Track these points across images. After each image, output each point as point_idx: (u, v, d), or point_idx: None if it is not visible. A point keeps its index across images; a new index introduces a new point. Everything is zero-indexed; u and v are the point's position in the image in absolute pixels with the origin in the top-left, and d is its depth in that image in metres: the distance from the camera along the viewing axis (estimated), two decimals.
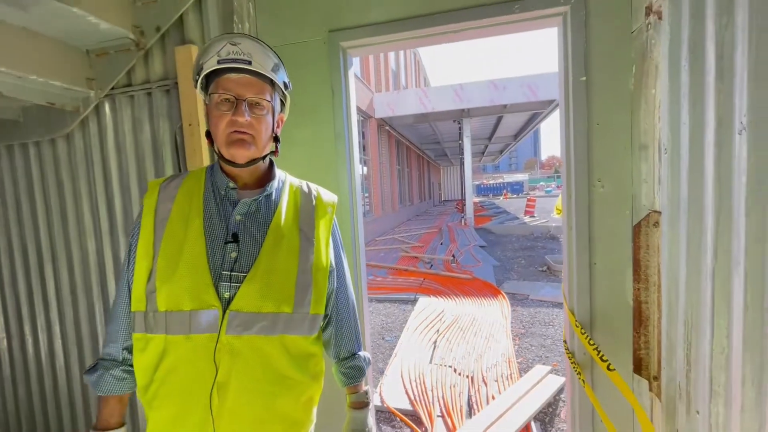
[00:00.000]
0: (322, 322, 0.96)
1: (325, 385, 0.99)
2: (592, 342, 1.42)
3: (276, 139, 0.94)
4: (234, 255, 0.83)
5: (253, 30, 1.67)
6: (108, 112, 1.74)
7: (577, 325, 1.48)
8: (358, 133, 11.42)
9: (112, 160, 1.76)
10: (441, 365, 3.40)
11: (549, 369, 3.22)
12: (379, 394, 2.96)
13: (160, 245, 0.82)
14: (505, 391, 2.95)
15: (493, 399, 2.86)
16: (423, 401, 2.86)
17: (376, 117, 12.50)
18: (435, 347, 3.81)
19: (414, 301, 5.26)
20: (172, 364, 0.79)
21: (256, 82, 0.84)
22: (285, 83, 0.92)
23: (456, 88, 11.59)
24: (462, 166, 14.52)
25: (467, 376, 3.21)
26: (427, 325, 4.34)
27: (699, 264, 0.97)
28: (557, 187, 46.77)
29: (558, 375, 3.14)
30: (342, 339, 1.00)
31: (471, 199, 14.18)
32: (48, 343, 1.97)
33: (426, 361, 3.52)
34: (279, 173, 0.97)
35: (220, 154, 0.88)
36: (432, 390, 3.01)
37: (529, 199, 17.17)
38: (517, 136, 20.12)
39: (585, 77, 1.39)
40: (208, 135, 0.89)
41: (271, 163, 0.97)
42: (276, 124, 0.92)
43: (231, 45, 0.83)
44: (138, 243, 0.85)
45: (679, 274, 1.06)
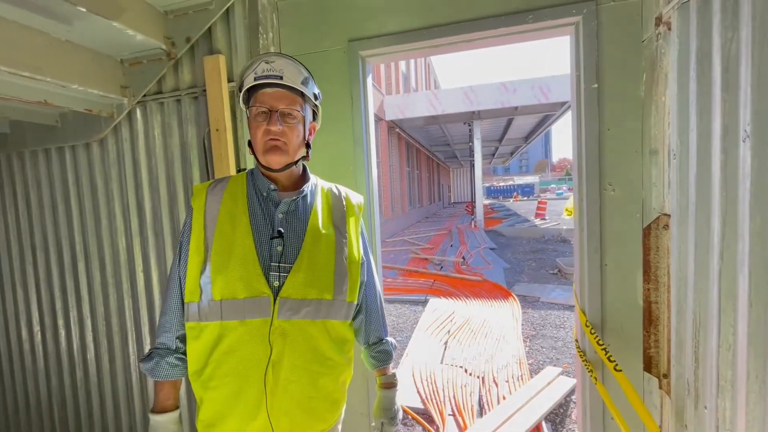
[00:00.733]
0: (354, 311, 1.05)
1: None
2: (600, 342, 1.46)
3: (308, 145, 1.02)
4: (280, 249, 0.93)
5: (276, 40, 1.76)
6: (139, 118, 1.84)
7: (587, 325, 1.52)
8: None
9: (143, 163, 1.86)
10: (452, 365, 3.45)
11: (560, 370, 3.24)
12: None
13: (212, 241, 0.91)
14: (515, 391, 2.98)
15: (504, 399, 2.89)
16: (434, 400, 2.91)
17: (386, 119, 12.59)
18: (446, 348, 3.86)
19: (424, 302, 5.30)
20: (229, 347, 0.88)
21: (287, 95, 0.94)
22: (315, 94, 1.01)
23: (466, 90, 11.62)
24: (472, 168, 14.51)
25: (478, 377, 3.25)
26: (438, 326, 4.38)
27: (706, 265, 1.02)
28: (568, 189, 46.26)
29: (569, 377, 3.16)
30: (371, 326, 1.10)
31: (481, 201, 14.16)
32: (80, 336, 2.08)
33: (437, 361, 3.57)
34: (312, 177, 1.07)
35: (258, 161, 0.97)
36: (443, 389, 3.06)
37: (540, 202, 17.07)
38: (527, 138, 20.01)
39: (597, 84, 1.44)
40: (250, 144, 0.99)
41: (304, 167, 1.07)
42: (308, 132, 1.01)
43: (265, 63, 0.94)
44: (190, 240, 0.94)
45: (688, 274, 1.11)
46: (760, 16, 0.81)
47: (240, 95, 0.99)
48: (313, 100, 1.01)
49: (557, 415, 2.75)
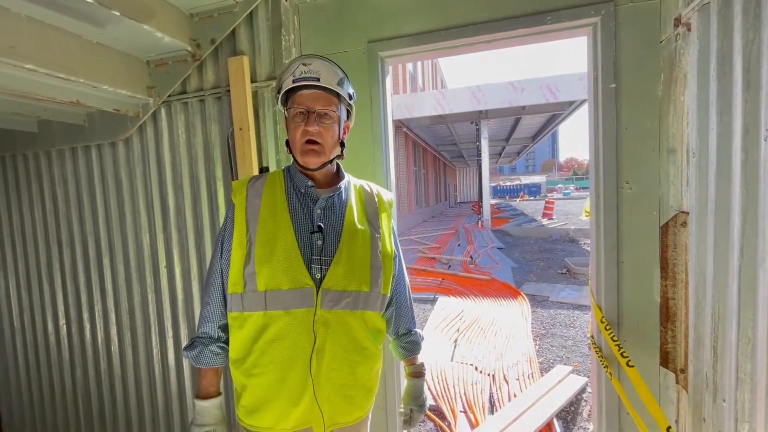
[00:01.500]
0: (386, 303, 1.09)
1: None
2: (615, 338, 1.49)
3: (342, 144, 1.06)
4: (320, 243, 0.97)
5: (298, 41, 1.80)
6: (164, 118, 1.89)
7: (602, 321, 1.55)
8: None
9: (167, 161, 1.92)
10: (462, 363, 3.48)
11: (570, 369, 3.26)
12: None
13: (255, 235, 0.96)
14: (526, 389, 3.00)
15: (515, 397, 2.92)
16: (446, 397, 2.94)
17: (393, 119, 12.60)
18: (456, 346, 3.88)
19: (433, 300, 5.33)
20: (274, 336, 0.92)
21: (324, 96, 0.98)
22: (349, 94, 1.05)
23: (474, 89, 11.59)
24: (479, 167, 14.49)
25: (488, 374, 3.27)
26: (447, 324, 4.41)
27: (726, 261, 1.04)
28: (576, 189, 45.88)
29: (579, 375, 3.18)
30: (401, 318, 1.15)
31: (488, 200, 14.13)
32: (104, 329, 2.14)
33: (447, 358, 3.60)
34: (345, 174, 1.11)
35: (295, 160, 1.02)
36: (454, 387, 3.09)
37: (547, 202, 16.99)
38: (535, 137, 19.92)
39: (614, 84, 1.46)
40: (287, 144, 1.03)
41: (338, 165, 1.11)
42: (342, 131, 1.05)
43: (303, 66, 0.98)
44: (233, 234, 0.98)
45: (707, 270, 1.13)
46: None
47: (279, 96, 1.03)
48: (348, 100, 1.05)
49: (568, 413, 2.77)
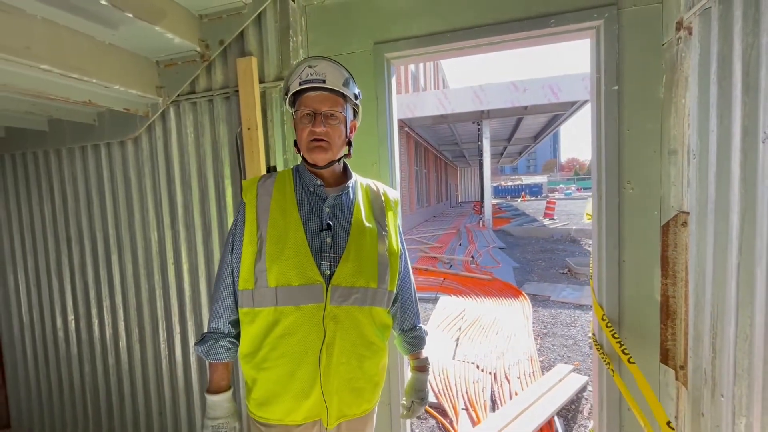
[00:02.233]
0: (393, 299, 1.12)
1: None
2: (616, 336, 1.52)
3: (349, 143, 1.09)
4: (329, 240, 1.00)
5: (305, 42, 1.83)
6: (173, 117, 1.93)
7: (603, 319, 1.58)
8: None
9: (175, 160, 1.95)
10: (464, 362, 3.50)
11: (571, 368, 3.28)
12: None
13: (266, 232, 0.98)
14: (527, 387, 3.03)
15: (516, 395, 2.94)
16: (447, 395, 2.97)
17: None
18: (457, 344, 3.91)
19: (435, 299, 5.36)
20: (284, 331, 0.95)
21: (330, 97, 1.01)
22: (355, 94, 1.07)
23: (476, 89, 11.60)
24: (480, 167, 14.50)
25: (490, 373, 3.30)
26: (449, 323, 4.44)
27: (725, 260, 1.07)
28: (577, 189, 45.85)
29: (580, 374, 3.20)
30: (406, 313, 1.18)
31: (489, 200, 14.15)
32: (112, 325, 2.18)
33: (449, 357, 3.63)
34: (352, 174, 1.14)
35: (304, 159, 1.05)
36: (456, 385, 3.12)
37: (548, 202, 17.00)
38: (536, 137, 19.91)
39: (617, 86, 1.49)
40: (296, 143, 1.06)
41: (345, 165, 1.13)
42: (349, 131, 1.08)
43: (309, 68, 1.01)
44: (244, 231, 1.01)
45: (707, 269, 1.16)
46: None
47: (286, 98, 1.05)
48: (354, 100, 1.07)
49: (569, 411, 2.80)
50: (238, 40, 1.79)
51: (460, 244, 9.98)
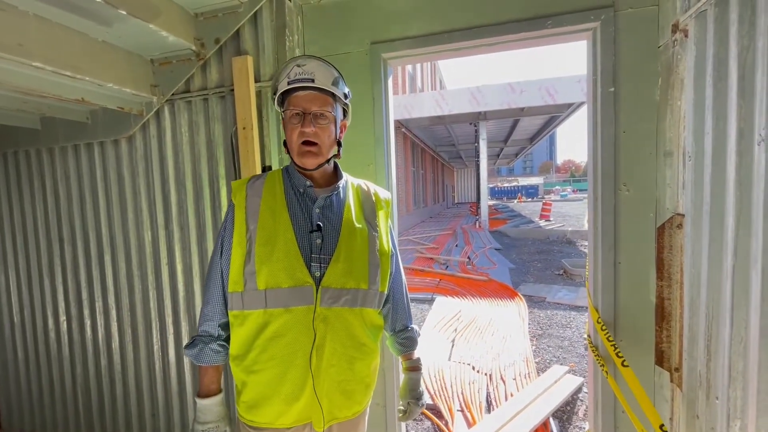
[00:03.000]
0: (384, 300, 1.11)
1: None
2: (611, 339, 1.52)
3: (339, 143, 1.08)
4: (319, 241, 0.99)
5: (301, 42, 1.82)
6: (167, 116, 1.91)
7: (598, 322, 1.58)
8: None
9: (170, 159, 1.93)
10: (459, 363, 3.50)
11: (567, 369, 3.29)
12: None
13: (255, 234, 0.97)
14: (523, 388, 3.03)
15: (512, 396, 2.94)
16: (443, 396, 2.97)
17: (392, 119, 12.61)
18: (453, 345, 3.91)
19: (431, 300, 5.36)
20: (274, 333, 0.94)
21: (319, 96, 1.00)
22: (345, 94, 1.06)
23: (473, 90, 11.63)
24: (477, 168, 14.54)
25: (485, 374, 3.30)
26: (444, 324, 4.44)
27: (720, 262, 1.07)
28: (573, 191, 46.07)
29: (575, 375, 3.21)
30: (398, 314, 1.17)
31: (486, 201, 14.18)
32: (105, 326, 2.15)
33: (445, 358, 3.62)
34: (343, 174, 1.13)
35: (293, 161, 1.03)
36: (451, 386, 3.11)
37: (544, 203, 17.06)
38: (533, 139, 19.99)
39: (613, 88, 1.49)
40: (285, 143, 1.05)
41: (336, 164, 1.12)
42: (339, 130, 1.07)
43: (297, 67, 0.99)
44: (233, 233, 1.00)
45: (702, 271, 1.16)
46: None
47: (275, 98, 1.04)
48: (344, 99, 1.06)
49: (564, 413, 2.80)
50: (234, 38, 1.77)
51: (457, 245, 9.99)
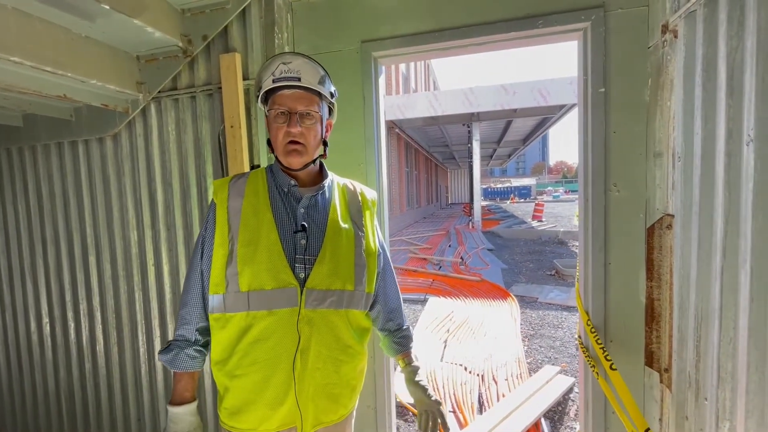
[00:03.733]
0: (371, 301, 1.08)
1: None
2: (599, 342, 1.51)
3: (324, 143, 1.06)
4: (304, 242, 0.96)
5: (291, 40, 1.79)
6: (154, 114, 1.87)
7: (588, 324, 1.57)
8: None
9: (156, 158, 1.89)
10: (452, 363, 3.49)
11: (558, 369, 3.29)
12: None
13: (237, 234, 0.94)
14: (515, 389, 3.03)
15: (504, 397, 2.94)
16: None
17: (386, 119, 12.62)
18: (445, 346, 3.90)
19: (424, 301, 5.35)
20: (257, 336, 0.91)
21: (305, 95, 0.97)
22: (331, 93, 1.04)
23: (466, 91, 11.66)
24: (470, 169, 14.59)
25: (478, 375, 3.29)
26: (437, 325, 4.43)
27: (709, 262, 1.07)
28: (565, 192, 46.49)
29: (567, 375, 3.21)
30: (390, 314, 1.14)
31: (479, 202, 14.23)
32: (89, 329, 2.10)
33: (437, 359, 3.61)
34: (328, 173, 1.10)
35: (278, 160, 1.01)
36: (443, 387, 3.10)
37: (537, 204, 17.19)
38: (525, 140, 20.12)
39: (604, 88, 1.49)
40: (269, 142, 1.02)
41: (321, 164, 1.10)
42: (325, 129, 1.04)
43: (283, 65, 0.96)
44: (215, 233, 0.96)
45: (691, 271, 1.16)
46: (765, 28, 0.86)
47: (258, 96, 1.01)
48: (329, 98, 1.04)
49: (556, 413, 2.80)
50: (222, 35, 1.74)
51: (450, 246, 10.01)
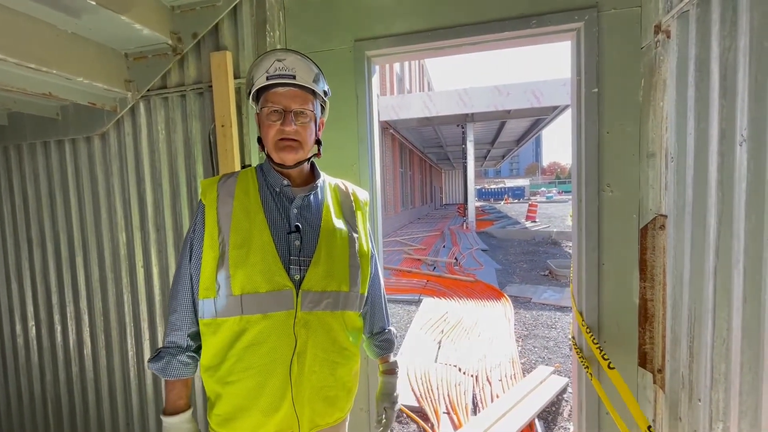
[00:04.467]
0: (364, 302, 1.08)
1: None
2: (595, 341, 1.51)
3: (318, 142, 1.04)
4: (298, 243, 0.94)
5: (283, 38, 1.77)
6: (143, 113, 1.84)
7: (583, 324, 1.57)
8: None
9: (145, 157, 1.86)
10: (446, 364, 3.48)
11: (552, 370, 3.30)
12: None
13: (228, 236, 0.91)
14: (509, 390, 3.03)
15: (498, 397, 2.93)
16: (429, 398, 2.94)
17: (380, 120, 12.61)
18: (440, 347, 3.89)
19: (418, 302, 5.34)
20: (251, 341, 0.88)
21: (300, 93, 0.95)
22: (325, 91, 1.02)
23: (460, 92, 11.70)
24: (464, 170, 14.63)
25: (472, 375, 3.29)
26: (431, 326, 4.42)
27: (702, 263, 1.07)
28: (558, 192, 46.84)
29: (560, 376, 3.22)
30: (375, 316, 1.14)
31: (473, 203, 14.27)
32: (76, 332, 2.06)
33: (431, 360, 3.60)
34: (320, 173, 1.08)
35: (270, 157, 0.98)
36: (437, 388, 3.09)
37: (531, 205, 17.30)
38: (519, 141, 20.23)
39: (597, 89, 1.49)
40: (259, 140, 0.99)
41: (313, 163, 1.08)
42: (318, 128, 1.02)
43: (278, 62, 0.93)
44: (204, 236, 0.93)
45: (684, 272, 1.16)
46: (758, 28, 0.86)
47: (249, 93, 0.98)
48: (323, 96, 1.02)
49: (549, 413, 2.80)
50: (212, 33, 1.72)
51: (444, 246, 10.02)
